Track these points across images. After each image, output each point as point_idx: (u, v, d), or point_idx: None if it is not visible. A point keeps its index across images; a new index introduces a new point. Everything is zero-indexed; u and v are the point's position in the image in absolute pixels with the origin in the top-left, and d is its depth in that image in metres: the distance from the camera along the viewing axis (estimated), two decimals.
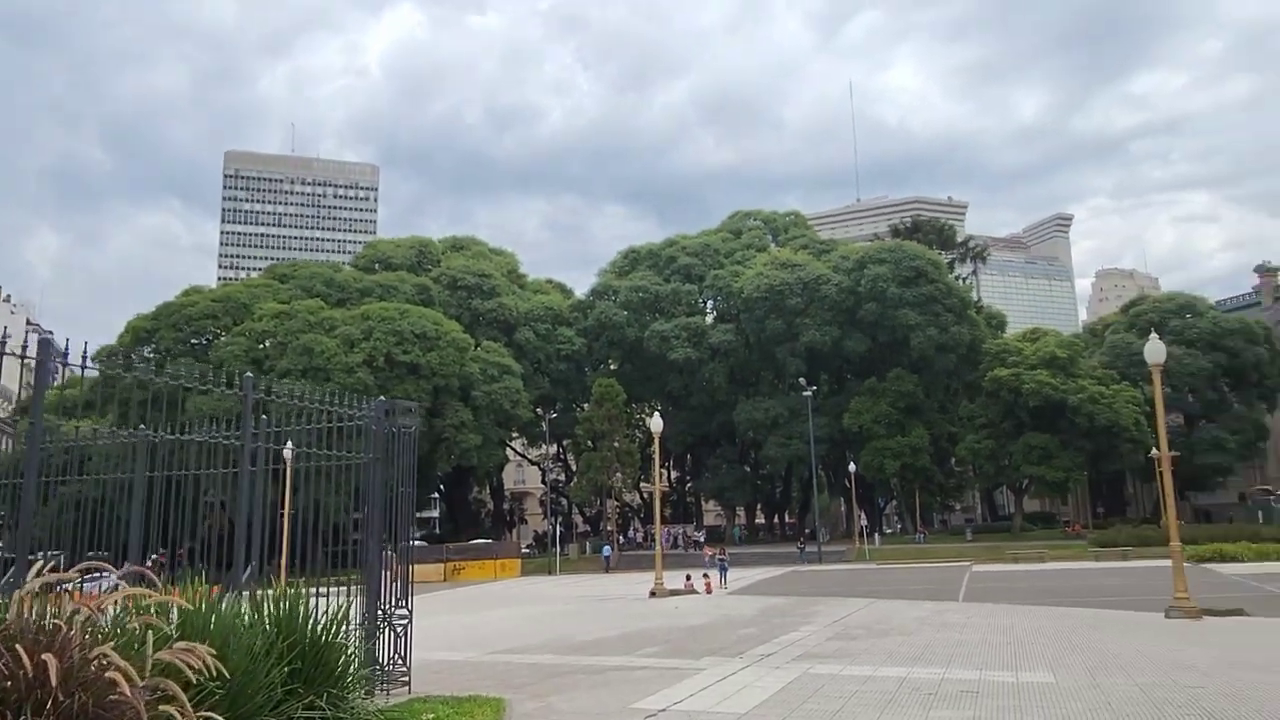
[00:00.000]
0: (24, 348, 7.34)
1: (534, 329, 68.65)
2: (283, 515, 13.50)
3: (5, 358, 7.24)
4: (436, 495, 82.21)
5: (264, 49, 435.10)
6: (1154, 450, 59.74)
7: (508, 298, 69.00)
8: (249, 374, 9.31)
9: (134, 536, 10.19)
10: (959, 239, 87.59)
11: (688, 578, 32.81)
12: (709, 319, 72.41)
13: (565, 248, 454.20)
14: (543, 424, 65.00)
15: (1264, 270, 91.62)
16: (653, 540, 62.03)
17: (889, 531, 74.59)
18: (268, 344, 58.02)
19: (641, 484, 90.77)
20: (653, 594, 28.03)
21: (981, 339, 65.77)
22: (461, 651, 15.25)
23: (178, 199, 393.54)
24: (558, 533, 59.11)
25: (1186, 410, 70.59)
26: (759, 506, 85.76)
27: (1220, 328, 68.51)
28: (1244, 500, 74.69)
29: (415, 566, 35.91)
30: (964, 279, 77.83)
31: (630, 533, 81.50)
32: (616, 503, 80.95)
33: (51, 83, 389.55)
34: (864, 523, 58.63)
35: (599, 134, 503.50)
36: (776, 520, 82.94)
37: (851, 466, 59.37)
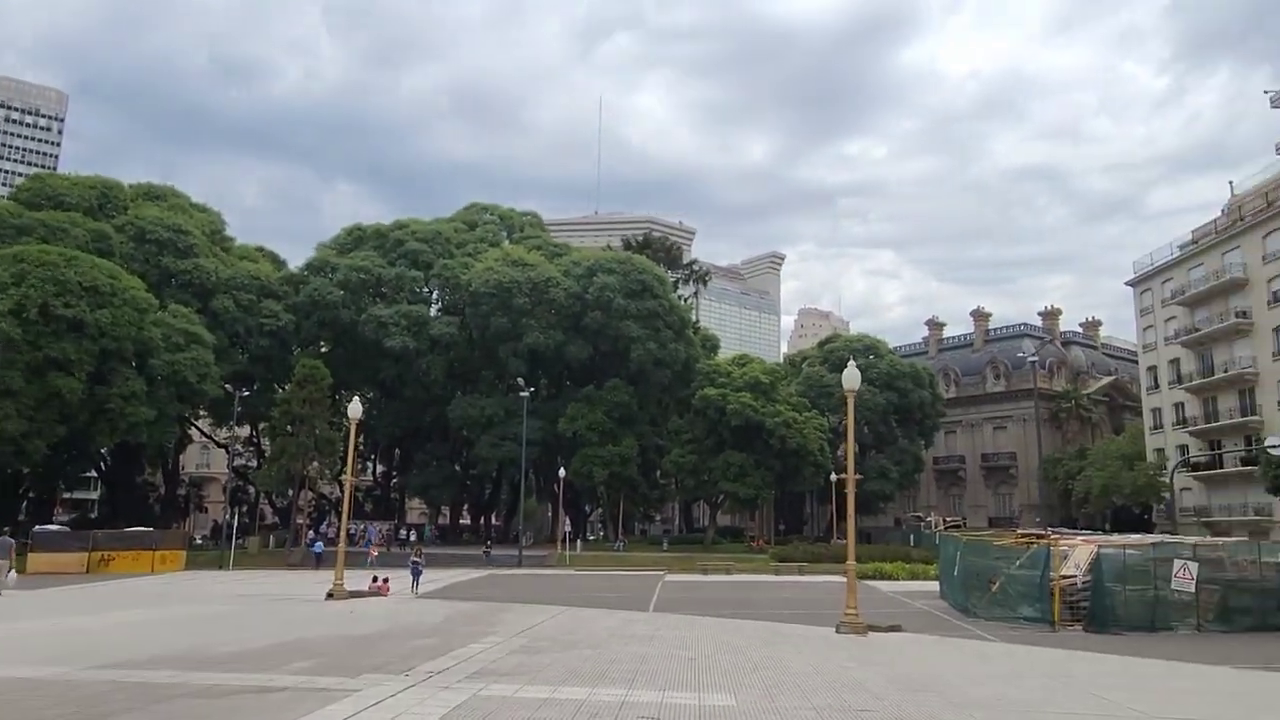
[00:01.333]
0: None
1: (235, 298, 61.90)
2: None
3: None
4: (95, 474, 71.77)
5: None
6: (834, 475, 65.55)
7: (207, 260, 61.67)
8: None
9: None
10: (685, 261, 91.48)
11: (374, 579, 30.45)
12: (433, 309, 69.57)
13: (290, 221, 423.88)
14: (234, 403, 58.67)
15: (933, 324, 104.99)
16: (355, 536, 58.21)
17: (592, 538, 75.81)
18: None
19: (342, 476, 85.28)
20: (330, 595, 25.40)
21: (696, 358, 68.65)
22: (56, 665, 12.24)
23: None
24: (235, 523, 53.33)
25: (861, 441, 78.30)
26: (466, 507, 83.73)
27: (896, 370, 76.84)
28: (899, 524, 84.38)
29: (50, 556, 30.15)
30: (686, 299, 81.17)
31: (324, 527, 76.08)
32: (312, 494, 75.28)
33: None
34: (568, 528, 58.81)
35: (339, 106, 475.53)
36: (483, 522, 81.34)
37: (561, 472, 59.33)
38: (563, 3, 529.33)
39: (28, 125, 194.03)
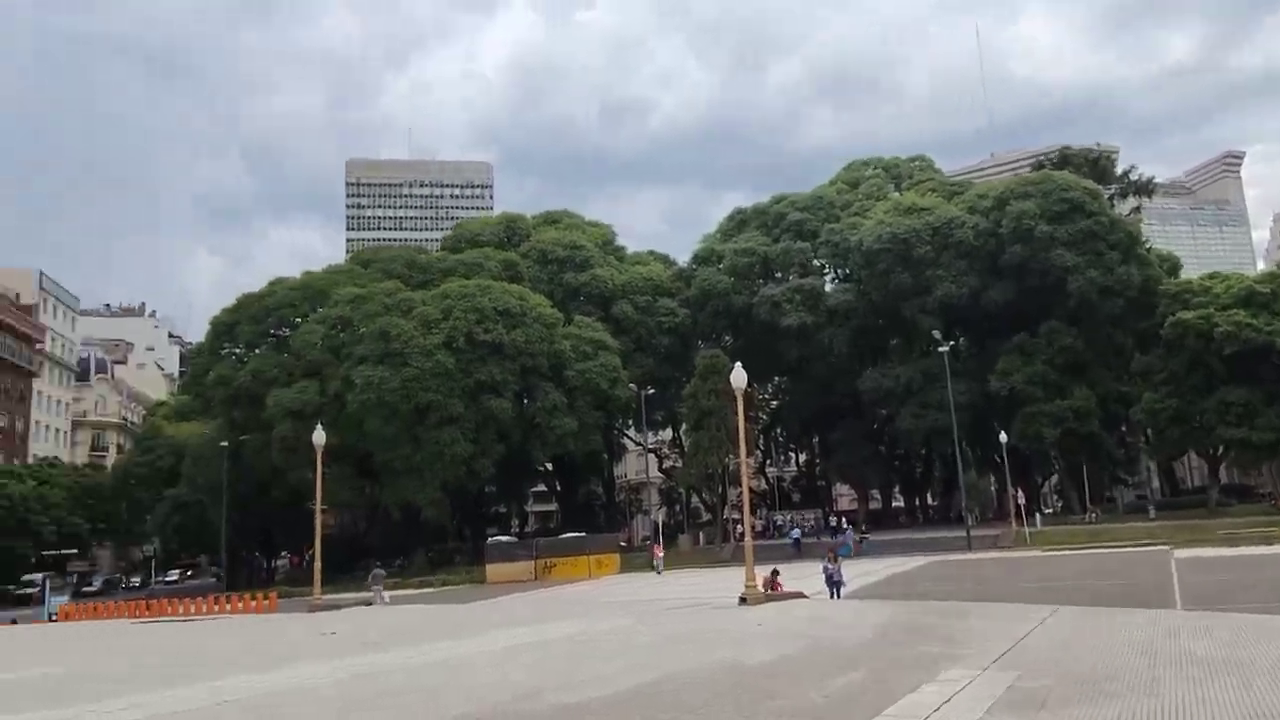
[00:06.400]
0: None
1: (632, 301, 62.61)
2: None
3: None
4: (545, 488, 77.59)
5: (387, 63, 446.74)
6: None
7: (602, 269, 63.21)
8: None
9: None
10: (1118, 173, 75.64)
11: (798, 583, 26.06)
12: (825, 280, 64.57)
13: (686, 236, 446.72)
14: (641, 403, 59.04)
15: None
16: (792, 528, 54.79)
17: (1048, 511, 64.71)
18: (344, 331, 54.61)
19: (767, 468, 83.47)
20: (743, 600, 21.43)
21: (1156, 280, 55.34)
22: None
23: (314, 213, 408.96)
24: (659, 523, 53.04)
25: None
26: (897, 488, 77.07)
27: None
28: None
29: (502, 565, 29.95)
30: (1127, 216, 66.68)
31: (782, 521, 74.22)
32: (737, 488, 74.15)
33: (193, 115, 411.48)
34: (1021, 501, 49.48)
35: (713, 120, 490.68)
36: (917, 502, 74.04)
37: (1002, 437, 50.46)
38: None
39: (465, 197, 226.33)
